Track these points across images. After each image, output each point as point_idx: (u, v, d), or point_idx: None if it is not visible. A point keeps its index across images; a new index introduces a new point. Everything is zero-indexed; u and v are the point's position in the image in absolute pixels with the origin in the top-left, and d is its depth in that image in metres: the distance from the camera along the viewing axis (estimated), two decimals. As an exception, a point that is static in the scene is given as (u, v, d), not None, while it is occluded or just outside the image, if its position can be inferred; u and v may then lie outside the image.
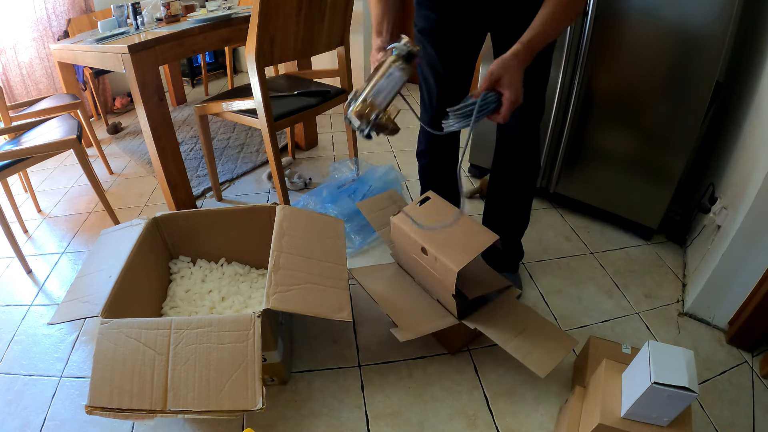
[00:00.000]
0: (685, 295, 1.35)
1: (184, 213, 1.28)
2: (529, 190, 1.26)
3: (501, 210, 1.30)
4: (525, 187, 1.25)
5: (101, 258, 1.14)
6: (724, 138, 1.48)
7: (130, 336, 0.89)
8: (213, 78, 3.65)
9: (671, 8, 1.23)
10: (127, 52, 1.38)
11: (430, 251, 1.03)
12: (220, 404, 0.83)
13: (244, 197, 1.94)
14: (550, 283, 1.41)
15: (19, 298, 1.45)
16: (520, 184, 1.24)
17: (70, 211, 1.92)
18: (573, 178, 1.65)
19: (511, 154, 1.19)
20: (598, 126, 1.51)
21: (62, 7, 2.61)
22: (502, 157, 1.22)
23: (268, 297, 0.91)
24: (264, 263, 1.15)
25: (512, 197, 1.26)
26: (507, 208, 1.29)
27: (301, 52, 1.54)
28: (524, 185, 1.24)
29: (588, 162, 1.59)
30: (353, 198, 1.68)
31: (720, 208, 1.26)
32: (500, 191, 1.27)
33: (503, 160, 1.22)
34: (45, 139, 1.59)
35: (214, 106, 1.62)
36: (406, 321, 1.08)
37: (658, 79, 1.33)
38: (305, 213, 1.22)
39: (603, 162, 1.55)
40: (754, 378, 1.11)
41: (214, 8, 1.83)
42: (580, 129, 1.55)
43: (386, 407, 1.06)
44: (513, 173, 1.22)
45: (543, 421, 1.02)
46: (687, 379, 0.72)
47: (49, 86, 2.70)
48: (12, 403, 1.10)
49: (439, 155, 1.28)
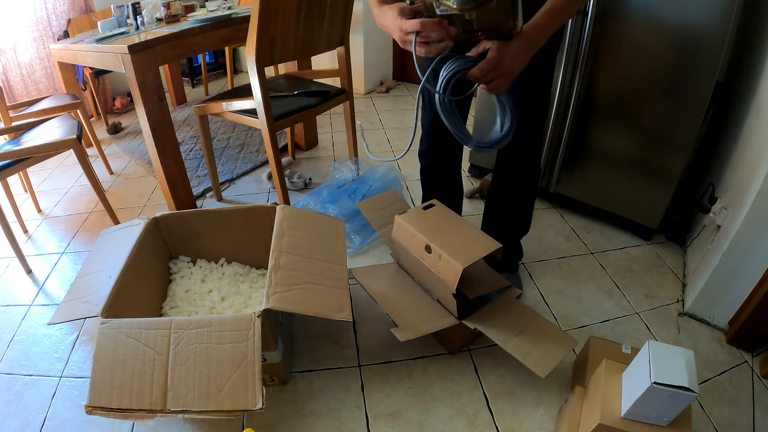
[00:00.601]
0: (685, 295, 1.35)
1: (184, 213, 1.27)
2: (531, 193, 1.26)
3: (502, 212, 1.30)
4: (527, 190, 1.24)
5: (101, 258, 1.14)
6: (724, 138, 1.48)
7: (130, 336, 0.89)
8: (213, 78, 3.65)
9: (671, 8, 1.23)
10: (127, 52, 1.38)
11: (435, 249, 1.03)
12: (220, 404, 0.83)
13: (244, 197, 1.94)
14: (550, 283, 1.41)
15: (19, 298, 1.45)
16: (521, 187, 1.23)
17: (70, 211, 1.92)
18: (573, 178, 1.65)
19: (513, 157, 1.18)
20: (598, 126, 1.51)
21: (62, 7, 2.62)
22: (504, 160, 1.21)
23: (268, 297, 0.91)
24: (264, 263, 1.15)
25: (514, 200, 1.26)
26: (508, 211, 1.28)
27: (301, 52, 1.54)
28: (526, 188, 1.24)
29: (588, 162, 1.59)
30: (353, 198, 1.68)
31: (720, 208, 1.26)
32: (502, 194, 1.27)
33: (505, 162, 1.21)
34: (45, 139, 1.59)
35: (214, 106, 1.62)
36: (406, 321, 1.08)
37: (658, 79, 1.33)
38: (305, 213, 1.22)
39: (603, 162, 1.55)
40: (754, 378, 1.11)
41: (214, 8, 1.83)
42: (580, 129, 1.55)
43: (386, 407, 1.06)
44: (515, 176, 1.21)
45: (543, 421, 1.02)
46: (687, 379, 0.72)
47: (49, 86, 2.70)
48: (12, 403, 1.10)
49: (441, 156, 1.28)
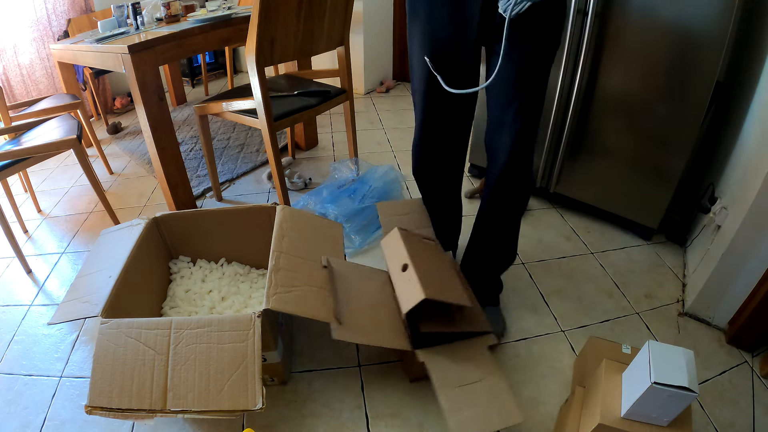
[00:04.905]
0: (685, 295, 1.35)
1: (184, 213, 1.27)
2: (518, 218, 1.17)
3: (488, 240, 1.19)
4: (515, 214, 1.15)
5: (101, 258, 1.14)
6: (724, 138, 1.48)
7: (130, 336, 0.89)
8: (213, 78, 3.65)
9: (671, 8, 1.23)
10: (127, 52, 1.38)
11: (410, 270, 0.98)
12: (219, 404, 0.83)
13: (244, 197, 1.94)
14: (550, 283, 1.41)
15: (19, 298, 1.45)
16: (510, 210, 1.14)
17: (70, 211, 1.92)
18: (573, 178, 1.65)
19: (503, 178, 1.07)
20: (598, 126, 1.51)
21: (62, 7, 2.61)
22: (494, 181, 1.10)
23: (268, 297, 0.91)
24: (264, 263, 1.15)
25: (501, 226, 1.16)
26: (495, 239, 1.19)
27: (301, 52, 1.54)
28: (514, 212, 1.15)
29: (588, 162, 1.59)
30: (353, 198, 1.68)
31: (720, 208, 1.26)
32: (489, 218, 1.17)
33: (495, 184, 1.10)
34: (45, 139, 1.59)
35: (214, 106, 1.62)
36: (357, 323, 0.98)
37: (658, 78, 1.33)
38: (305, 214, 1.22)
39: (603, 162, 1.55)
40: (754, 378, 1.11)
41: (214, 8, 1.83)
42: (580, 129, 1.55)
43: (386, 407, 1.06)
44: (504, 198, 1.11)
45: (543, 421, 1.02)
46: (687, 379, 0.72)
47: (49, 86, 2.70)
48: (12, 403, 1.10)
49: (437, 175, 1.21)
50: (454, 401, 0.89)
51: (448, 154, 1.21)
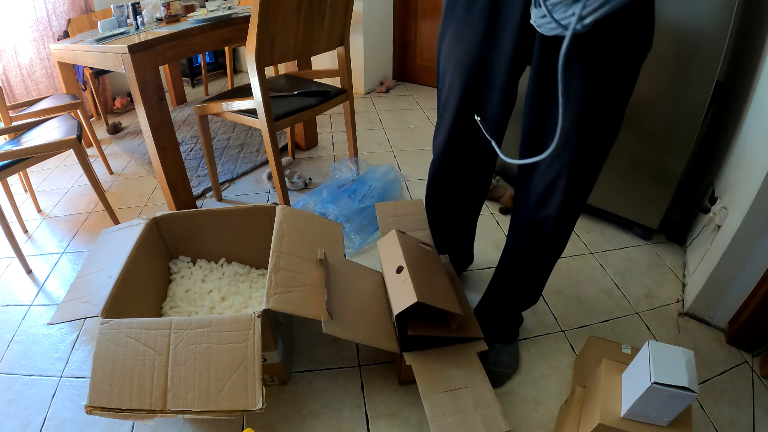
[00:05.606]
0: (685, 295, 1.35)
1: (184, 213, 1.27)
2: (552, 264, 1.02)
3: (513, 283, 1.08)
4: (548, 262, 1.01)
5: (101, 258, 1.14)
6: (724, 138, 1.48)
7: (130, 336, 0.89)
8: (213, 78, 3.65)
9: (671, 8, 1.23)
10: (127, 52, 1.38)
11: (405, 272, 0.96)
12: (219, 404, 0.83)
13: (244, 197, 1.94)
14: (550, 283, 1.40)
15: (19, 298, 1.45)
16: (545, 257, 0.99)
17: (70, 211, 1.92)
18: (573, 178, 1.65)
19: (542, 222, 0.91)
20: (598, 126, 1.51)
21: (62, 7, 2.61)
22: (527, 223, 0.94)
23: (268, 297, 0.91)
24: (264, 263, 1.15)
25: (530, 272, 1.03)
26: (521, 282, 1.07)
27: (301, 52, 1.54)
28: (548, 260, 1.00)
29: (588, 162, 1.58)
30: (353, 198, 1.68)
31: (720, 208, 1.26)
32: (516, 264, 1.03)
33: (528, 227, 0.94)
34: (45, 139, 1.59)
35: (214, 106, 1.62)
36: (348, 320, 0.97)
37: (659, 79, 1.33)
38: (305, 214, 1.22)
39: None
40: (754, 378, 1.11)
41: (214, 8, 1.83)
42: (580, 129, 1.55)
43: (386, 407, 1.06)
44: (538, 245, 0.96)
45: (543, 421, 1.02)
46: (687, 379, 0.72)
47: (49, 86, 2.70)
48: (12, 403, 1.10)
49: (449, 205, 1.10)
50: (437, 406, 0.89)
51: (470, 181, 1.07)
